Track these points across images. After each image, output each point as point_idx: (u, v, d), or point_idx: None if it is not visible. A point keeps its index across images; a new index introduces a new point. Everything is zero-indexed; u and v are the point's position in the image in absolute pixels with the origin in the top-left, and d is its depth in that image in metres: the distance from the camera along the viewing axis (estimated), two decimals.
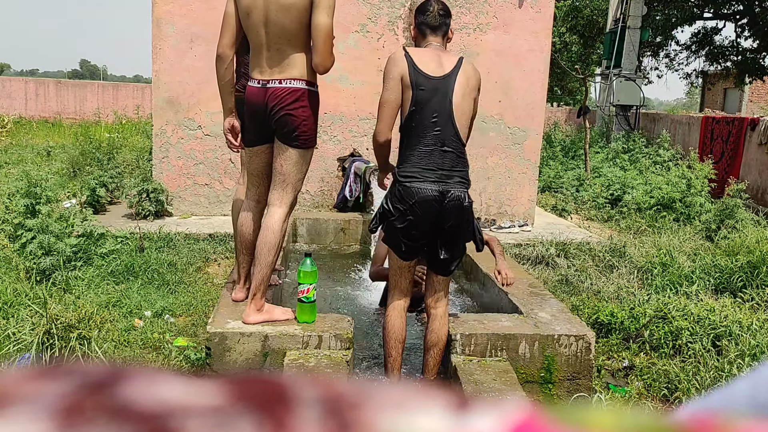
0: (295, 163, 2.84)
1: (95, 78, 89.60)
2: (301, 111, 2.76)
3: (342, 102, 6.00)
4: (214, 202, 5.98)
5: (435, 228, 2.69)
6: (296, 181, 2.88)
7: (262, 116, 2.81)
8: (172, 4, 5.66)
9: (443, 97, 2.65)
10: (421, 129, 2.66)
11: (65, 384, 0.20)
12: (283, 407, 0.20)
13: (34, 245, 3.87)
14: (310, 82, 2.78)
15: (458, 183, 2.68)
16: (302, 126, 2.77)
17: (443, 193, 2.64)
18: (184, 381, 0.21)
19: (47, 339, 2.86)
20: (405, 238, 2.70)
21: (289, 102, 2.74)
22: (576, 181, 8.47)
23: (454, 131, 2.67)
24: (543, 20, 6.17)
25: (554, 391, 2.91)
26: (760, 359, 3.04)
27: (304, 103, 2.76)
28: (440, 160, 2.65)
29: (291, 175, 2.85)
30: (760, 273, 4.30)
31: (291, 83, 2.74)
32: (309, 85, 2.78)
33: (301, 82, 2.75)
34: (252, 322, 2.89)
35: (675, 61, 20.18)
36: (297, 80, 2.74)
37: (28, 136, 13.75)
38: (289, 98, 2.74)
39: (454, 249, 2.77)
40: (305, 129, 2.79)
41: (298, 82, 2.74)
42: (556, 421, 0.21)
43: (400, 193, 2.68)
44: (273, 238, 2.83)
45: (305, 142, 2.82)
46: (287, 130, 2.78)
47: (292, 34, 2.72)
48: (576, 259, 5.01)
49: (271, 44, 2.75)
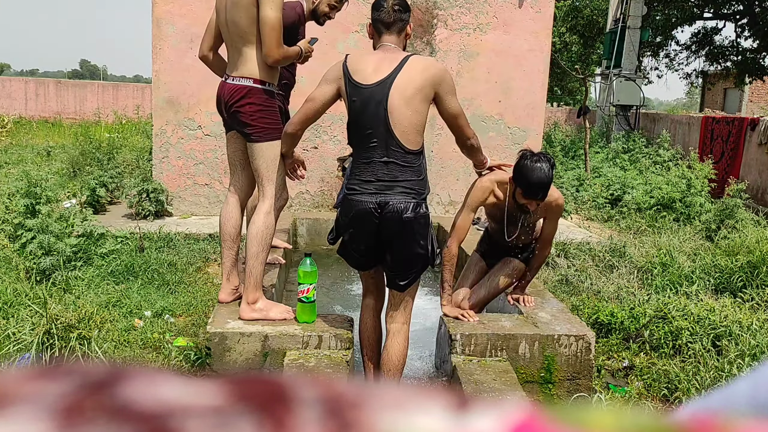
0: (258, 156, 2.91)
1: (95, 78, 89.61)
2: (247, 107, 2.85)
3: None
4: (214, 202, 5.98)
5: (377, 240, 2.58)
6: (268, 174, 2.92)
7: (222, 110, 2.96)
8: (172, 4, 5.66)
9: (377, 106, 2.50)
10: (359, 142, 2.58)
11: (65, 384, 0.20)
12: (283, 407, 0.20)
13: (34, 245, 3.87)
14: (258, 80, 2.86)
15: (401, 194, 2.52)
16: (251, 121, 2.86)
17: (381, 205, 2.51)
18: (184, 381, 0.21)
19: (47, 339, 2.86)
20: (353, 250, 2.65)
21: (236, 99, 2.86)
22: (576, 181, 8.46)
23: (395, 141, 2.50)
24: (543, 20, 6.17)
25: (554, 391, 2.91)
26: (760, 359, 3.04)
27: (251, 100, 2.85)
28: (380, 171, 2.52)
29: (259, 169, 2.92)
30: (760, 273, 4.30)
31: (239, 81, 2.85)
32: (256, 83, 2.86)
33: (248, 80, 2.85)
34: (246, 317, 2.91)
35: (675, 61, 20.19)
36: (245, 78, 2.85)
37: (28, 136, 13.75)
38: (236, 95, 2.86)
39: (402, 262, 2.60)
40: (255, 124, 2.87)
41: (245, 80, 2.85)
42: (556, 421, 0.21)
43: (344, 207, 2.64)
44: (254, 229, 2.89)
45: (259, 136, 2.89)
46: (238, 126, 2.91)
47: (244, 31, 2.82)
48: (576, 259, 5.01)
49: (231, 42, 2.90)
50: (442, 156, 6.23)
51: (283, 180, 3.01)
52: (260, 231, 2.89)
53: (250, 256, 2.89)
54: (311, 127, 5.90)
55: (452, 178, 6.26)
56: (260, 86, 2.87)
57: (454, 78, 6.28)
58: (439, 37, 6.06)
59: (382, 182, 2.53)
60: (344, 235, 2.66)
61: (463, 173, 6.26)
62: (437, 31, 6.06)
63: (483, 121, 6.21)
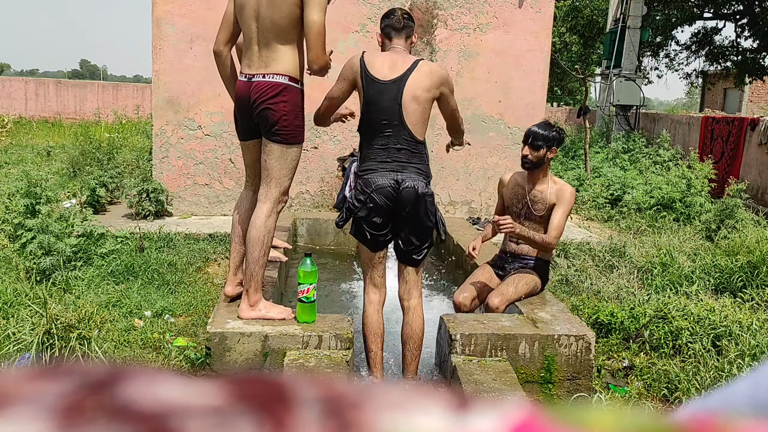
0: (276, 158, 2.85)
1: (95, 78, 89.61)
2: (281, 106, 2.79)
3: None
4: (214, 202, 5.98)
5: (394, 215, 2.88)
6: (280, 177, 2.88)
7: (247, 110, 2.86)
8: (172, 4, 5.66)
9: (392, 100, 2.83)
10: (373, 130, 2.89)
11: (65, 384, 0.20)
12: (283, 407, 0.20)
13: (34, 245, 3.87)
14: (293, 78, 2.81)
15: (414, 173, 2.87)
16: (282, 121, 2.80)
17: (398, 182, 2.83)
18: (184, 381, 0.21)
19: (47, 339, 2.86)
20: (368, 227, 2.88)
21: (270, 96, 2.78)
22: (576, 181, 8.46)
23: (407, 131, 2.85)
24: (543, 20, 6.17)
25: (554, 391, 2.91)
26: (760, 359, 3.04)
27: (285, 98, 2.79)
28: (395, 155, 2.87)
29: (273, 171, 2.87)
30: (760, 273, 4.30)
31: (273, 78, 2.78)
32: (292, 81, 2.80)
33: (284, 77, 2.78)
34: (246, 317, 2.91)
35: (675, 61, 20.18)
36: (280, 75, 2.78)
37: (28, 136, 13.75)
38: (270, 92, 2.78)
39: (417, 236, 2.91)
40: (285, 124, 2.81)
41: (280, 77, 2.78)
42: (556, 421, 0.21)
43: (360, 186, 2.91)
44: (256, 233, 2.86)
45: (286, 138, 2.84)
46: (267, 125, 2.82)
47: (281, 29, 2.75)
48: (576, 259, 5.01)
49: (261, 39, 2.80)
50: (442, 156, 6.22)
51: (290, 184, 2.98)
52: (262, 235, 2.86)
53: (252, 260, 2.87)
54: (311, 127, 5.91)
55: (452, 178, 6.26)
56: (296, 85, 2.83)
57: (454, 78, 6.30)
58: (439, 37, 6.06)
59: (398, 163, 2.87)
60: (360, 211, 2.88)
61: (463, 173, 6.26)
62: (437, 31, 6.06)
63: (483, 121, 6.20)
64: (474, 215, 6.28)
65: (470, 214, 6.28)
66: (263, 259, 2.90)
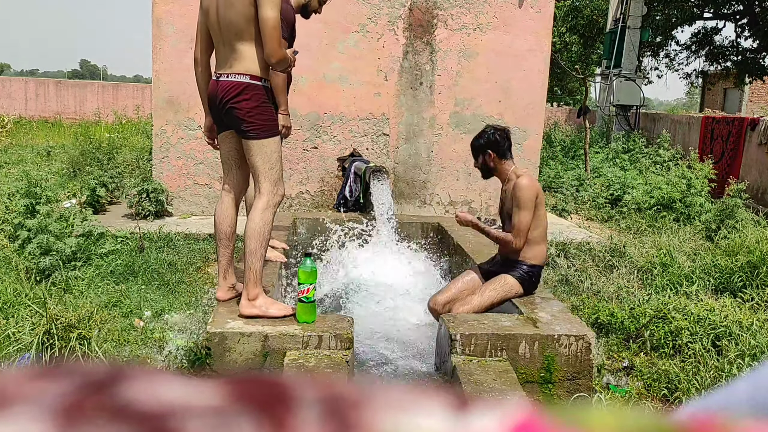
0: (255, 153, 2.91)
1: (95, 78, 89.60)
2: (244, 104, 2.85)
3: (342, 102, 6.00)
4: (214, 202, 5.97)
5: None
6: (265, 171, 2.92)
7: (215, 108, 2.95)
8: (172, 4, 5.66)
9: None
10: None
11: (65, 384, 0.20)
12: (283, 407, 0.20)
13: (34, 245, 3.87)
14: (255, 77, 2.86)
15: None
16: (248, 117, 2.86)
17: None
18: (184, 381, 0.21)
19: (47, 339, 2.86)
20: None
21: (233, 95, 2.85)
22: (576, 181, 8.46)
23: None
24: (543, 20, 6.17)
25: (554, 391, 2.91)
26: (760, 359, 3.04)
27: (248, 96, 2.85)
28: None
29: (257, 166, 2.92)
30: (760, 273, 4.30)
31: (236, 77, 2.85)
32: (254, 79, 2.86)
33: (245, 77, 2.85)
34: (246, 314, 2.92)
35: (675, 61, 20.19)
36: (241, 74, 2.85)
37: (28, 136, 13.75)
38: (232, 92, 2.85)
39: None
40: (252, 120, 2.87)
41: (242, 77, 2.85)
42: (556, 421, 0.21)
43: None
44: (253, 225, 2.90)
45: (257, 133, 2.89)
46: (236, 123, 2.90)
47: (239, 29, 2.82)
48: (576, 259, 5.01)
49: (224, 40, 2.89)
50: (442, 156, 6.23)
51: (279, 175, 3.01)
52: (258, 227, 2.90)
53: (248, 253, 2.90)
54: (311, 127, 5.92)
55: (452, 178, 6.26)
56: (257, 82, 2.88)
57: (454, 78, 6.30)
58: (439, 37, 6.06)
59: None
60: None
61: (463, 173, 6.26)
62: (437, 31, 6.06)
63: (483, 121, 6.20)
64: (474, 215, 6.27)
65: (470, 214, 6.28)
66: (261, 251, 2.91)
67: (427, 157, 6.21)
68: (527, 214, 3.26)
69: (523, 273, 3.37)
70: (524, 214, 3.26)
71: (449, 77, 6.11)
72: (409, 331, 3.66)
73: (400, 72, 6.06)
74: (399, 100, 6.10)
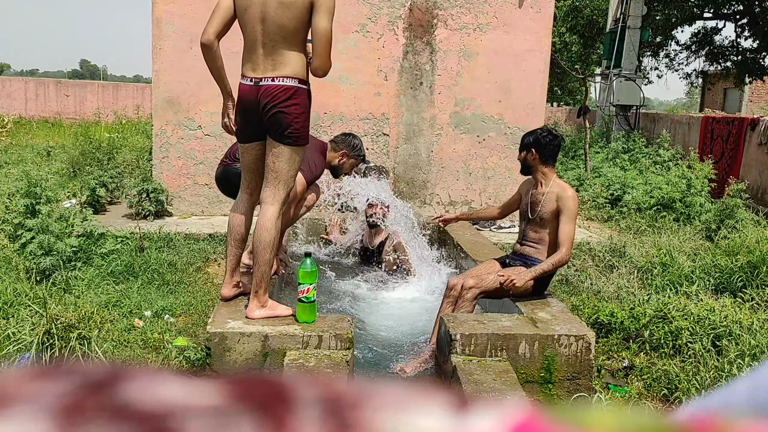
0: (286, 160, 2.84)
1: (95, 78, 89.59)
2: (293, 109, 2.78)
3: (342, 102, 6.00)
4: (214, 202, 5.98)
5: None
6: (288, 178, 2.88)
7: (254, 114, 2.82)
8: (172, 4, 5.66)
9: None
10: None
11: (65, 384, 0.20)
12: (283, 407, 0.20)
13: (34, 245, 3.87)
14: (302, 80, 2.80)
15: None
16: (294, 123, 2.79)
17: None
18: (184, 381, 0.21)
19: (47, 339, 2.86)
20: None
21: (282, 100, 2.76)
22: (576, 181, 8.46)
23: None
24: (543, 20, 6.17)
25: (554, 391, 2.91)
26: (760, 359, 3.04)
27: (297, 101, 2.78)
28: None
29: (283, 172, 2.86)
30: (760, 273, 4.30)
31: (284, 81, 2.76)
32: (301, 83, 2.80)
33: (294, 80, 2.77)
34: (255, 317, 2.92)
35: (675, 61, 20.18)
36: (290, 78, 2.76)
37: (28, 136, 13.75)
38: (282, 96, 2.76)
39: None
40: (297, 126, 2.81)
41: (291, 80, 2.76)
42: (556, 421, 0.21)
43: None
44: (267, 236, 2.85)
45: (297, 140, 2.84)
46: (280, 128, 2.80)
47: (290, 33, 2.72)
48: (576, 259, 5.01)
49: (266, 41, 2.76)
50: (442, 156, 6.23)
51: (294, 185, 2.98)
52: (271, 237, 2.86)
53: (262, 263, 2.87)
54: (311, 127, 5.91)
55: (452, 178, 6.26)
56: (305, 87, 2.83)
57: (454, 78, 6.30)
58: (439, 37, 6.06)
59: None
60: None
61: (463, 173, 6.26)
62: (437, 31, 6.06)
63: (483, 121, 6.21)
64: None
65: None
66: (272, 259, 2.92)
67: (427, 157, 6.21)
68: (574, 225, 3.32)
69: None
70: (572, 225, 3.31)
71: (449, 77, 6.11)
72: (409, 328, 3.65)
73: (400, 72, 6.06)
74: (399, 100, 6.10)
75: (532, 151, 3.40)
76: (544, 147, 3.39)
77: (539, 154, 3.39)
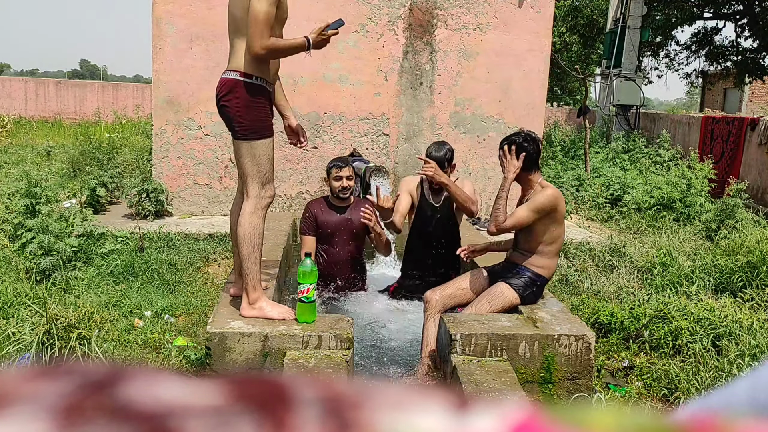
0: (243, 155, 2.80)
1: (95, 78, 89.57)
2: (233, 102, 2.74)
3: (342, 102, 6.00)
4: (214, 202, 5.98)
5: None
6: (253, 173, 2.81)
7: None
8: (172, 4, 5.66)
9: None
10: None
11: (65, 384, 0.20)
12: (283, 407, 0.20)
13: (34, 245, 3.87)
14: (245, 74, 2.73)
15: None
16: (236, 118, 2.75)
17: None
18: (184, 381, 0.21)
19: (47, 339, 2.86)
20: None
21: (223, 93, 2.75)
22: (576, 181, 8.46)
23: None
24: (543, 20, 6.17)
25: (554, 391, 2.91)
26: (760, 359, 3.04)
27: (237, 94, 2.73)
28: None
29: (244, 168, 2.82)
30: (760, 273, 4.30)
31: (227, 74, 2.75)
32: (244, 77, 2.73)
33: (235, 73, 2.73)
34: (246, 315, 2.91)
35: (675, 61, 20.19)
36: (232, 71, 2.74)
37: (28, 136, 13.75)
38: (223, 90, 2.76)
39: None
40: (240, 120, 2.76)
41: (232, 73, 2.74)
42: (556, 421, 0.21)
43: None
44: (241, 230, 2.83)
45: (244, 134, 2.78)
46: (227, 122, 2.81)
47: (238, 23, 2.73)
48: (576, 259, 5.01)
49: (229, 35, 2.81)
50: None
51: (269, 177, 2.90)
52: (248, 232, 2.83)
53: (243, 258, 2.85)
54: (311, 127, 5.92)
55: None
56: (247, 80, 2.75)
57: (454, 78, 6.29)
58: (439, 37, 6.06)
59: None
60: None
61: (462, 173, 6.26)
62: (437, 31, 6.06)
63: (483, 121, 6.21)
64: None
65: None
66: (255, 254, 2.86)
67: None
68: (529, 214, 3.11)
69: (526, 281, 3.24)
70: (526, 212, 3.11)
71: (449, 77, 6.11)
72: (408, 329, 3.65)
73: (400, 72, 6.07)
74: (399, 100, 6.10)
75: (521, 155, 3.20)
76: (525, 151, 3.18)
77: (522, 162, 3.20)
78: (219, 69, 3.06)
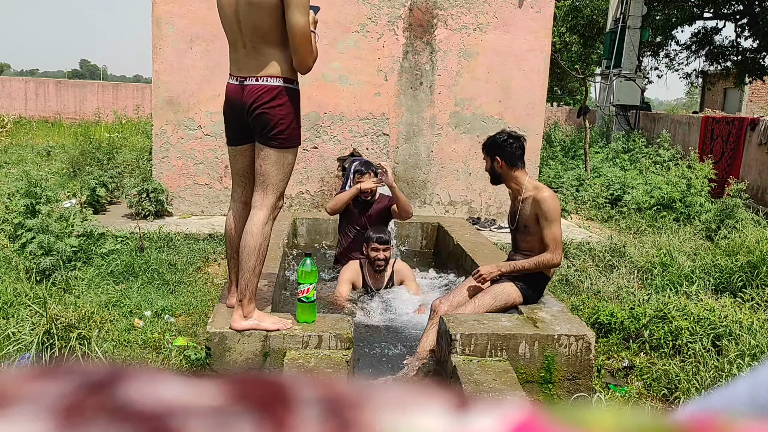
0: (273, 163, 2.72)
1: (95, 78, 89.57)
2: (278, 110, 2.66)
3: (342, 102, 6.00)
4: (214, 202, 5.98)
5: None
6: (277, 182, 2.75)
7: (240, 114, 2.73)
8: (172, 4, 5.66)
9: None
10: None
11: (65, 384, 0.20)
12: (283, 407, 0.20)
13: (34, 245, 3.87)
14: (288, 80, 2.68)
15: None
16: (279, 125, 2.68)
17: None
18: (184, 381, 0.21)
19: (47, 339, 2.86)
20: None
21: (266, 100, 2.65)
22: (576, 181, 8.46)
23: None
24: (543, 20, 6.17)
25: (554, 391, 2.91)
26: (760, 359, 3.04)
27: (282, 101, 2.67)
28: None
29: (270, 176, 2.73)
30: (760, 273, 4.30)
31: (268, 81, 2.65)
32: (287, 83, 2.68)
33: (278, 80, 2.66)
34: (238, 328, 2.80)
35: (675, 61, 20.20)
36: (274, 78, 2.66)
37: (28, 136, 13.75)
38: (266, 96, 2.65)
39: None
40: (282, 128, 2.69)
41: (275, 80, 2.66)
42: (556, 421, 0.21)
43: None
44: (253, 241, 2.72)
45: (283, 142, 2.71)
46: (264, 129, 2.69)
47: (266, 32, 2.63)
48: (576, 259, 5.01)
49: (246, 41, 2.67)
50: (442, 156, 6.23)
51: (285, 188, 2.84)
52: (258, 243, 2.73)
53: (247, 270, 2.73)
54: (311, 127, 5.92)
55: (452, 178, 6.26)
56: (290, 86, 2.70)
57: (454, 78, 6.29)
58: (439, 37, 6.06)
59: None
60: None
61: (462, 173, 6.26)
62: (437, 31, 6.06)
63: (483, 121, 6.20)
64: (474, 215, 6.28)
65: (470, 214, 6.28)
66: (259, 267, 2.78)
67: (426, 157, 6.21)
68: (558, 225, 3.16)
69: (530, 280, 3.27)
70: (556, 226, 3.15)
71: (449, 77, 6.11)
72: (408, 329, 3.65)
73: (400, 72, 6.07)
74: (399, 100, 6.10)
75: (497, 159, 3.26)
76: (506, 151, 3.24)
77: (504, 160, 3.24)
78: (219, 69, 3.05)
